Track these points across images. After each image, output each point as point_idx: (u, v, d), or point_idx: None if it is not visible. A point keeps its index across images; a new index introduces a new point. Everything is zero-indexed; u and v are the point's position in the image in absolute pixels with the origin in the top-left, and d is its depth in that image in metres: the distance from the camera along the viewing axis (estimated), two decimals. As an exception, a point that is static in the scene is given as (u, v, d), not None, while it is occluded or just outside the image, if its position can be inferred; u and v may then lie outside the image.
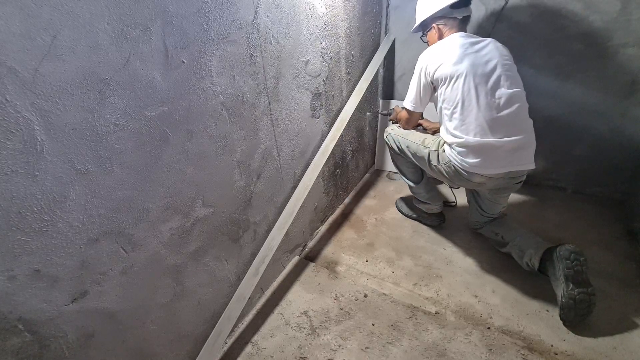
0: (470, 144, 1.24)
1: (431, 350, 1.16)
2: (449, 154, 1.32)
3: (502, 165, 1.24)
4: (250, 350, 1.21)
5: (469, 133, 1.24)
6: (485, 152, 1.23)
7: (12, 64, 0.58)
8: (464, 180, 1.34)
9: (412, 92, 1.43)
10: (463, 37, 1.31)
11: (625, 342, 1.15)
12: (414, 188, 1.71)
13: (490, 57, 1.26)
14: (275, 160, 1.31)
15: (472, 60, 1.24)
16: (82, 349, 0.79)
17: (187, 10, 0.84)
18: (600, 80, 1.61)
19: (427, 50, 1.37)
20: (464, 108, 1.24)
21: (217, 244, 1.12)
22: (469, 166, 1.26)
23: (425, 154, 1.43)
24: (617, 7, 1.46)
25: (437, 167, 1.40)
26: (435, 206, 1.70)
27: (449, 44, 1.31)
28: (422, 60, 1.36)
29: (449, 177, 1.38)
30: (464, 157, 1.27)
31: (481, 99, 1.22)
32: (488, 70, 1.24)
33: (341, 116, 1.67)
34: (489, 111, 1.22)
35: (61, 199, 0.69)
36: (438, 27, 1.41)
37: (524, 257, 1.33)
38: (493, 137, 1.22)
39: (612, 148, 1.72)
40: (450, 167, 1.33)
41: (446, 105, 1.30)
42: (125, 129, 0.77)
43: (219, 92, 0.99)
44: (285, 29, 1.20)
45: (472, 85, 1.23)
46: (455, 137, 1.28)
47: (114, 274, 0.82)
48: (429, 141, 1.44)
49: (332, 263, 1.60)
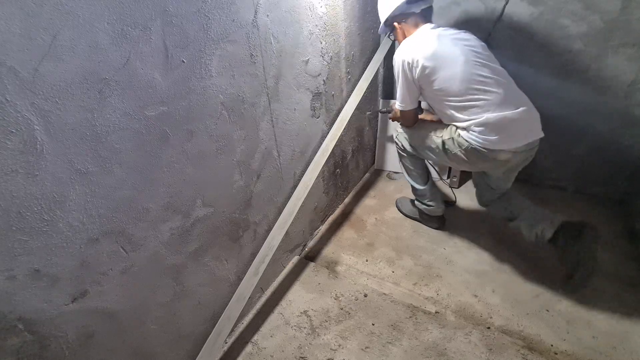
0: (490, 120, 1.23)
1: (431, 350, 1.16)
2: (468, 137, 1.29)
3: (523, 136, 1.26)
4: (250, 350, 1.21)
5: (487, 111, 1.24)
6: (505, 126, 1.24)
7: (12, 63, 0.58)
8: (487, 161, 1.31)
9: (401, 91, 1.41)
10: (435, 28, 1.33)
11: (625, 342, 1.15)
12: (419, 190, 1.68)
13: (472, 41, 1.31)
14: (275, 160, 1.31)
15: (459, 44, 1.27)
16: (82, 348, 0.79)
17: (187, 10, 0.84)
18: (600, 80, 1.61)
19: (403, 49, 1.34)
20: (470, 90, 1.24)
21: (217, 243, 1.12)
22: (492, 143, 1.25)
23: (440, 143, 1.41)
24: (617, 7, 1.46)
25: (455, 154, 1.37)
26: (438, 209, 1.69)
27: (424, 36, 1.31)
28: (400, 59, 1.34)
29: (469, 162, 1.36)
30: (486, 135, 1.25)
31: (486, 79, 1.24)
32: (477, 52, 1.27)
33: (341, 116, 1.66)
34: (496, 87, 1.24)
35: (61, 198, 0.69)
36: (400, 26, 1.41)
37: (534, 228, 1.37)
38: (508, 110, 1.23)
39: (612, 148, 1.71)
40: (470, 151, 1.30)
41: (445, 90, 1.28)
42: (125, 129, 0.77)
43: (219, 92, 0.99)
44: (285, 28, 1.20)
45: (471, 67, 1.24)
46: (471, 119, 1.26)
47: (114, 273, 0.82)
48: (440, 131, 1.43)
49: (332, 263, 1.60)
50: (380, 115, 2.22)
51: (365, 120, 2.08)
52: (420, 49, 1.28)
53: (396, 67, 1.37)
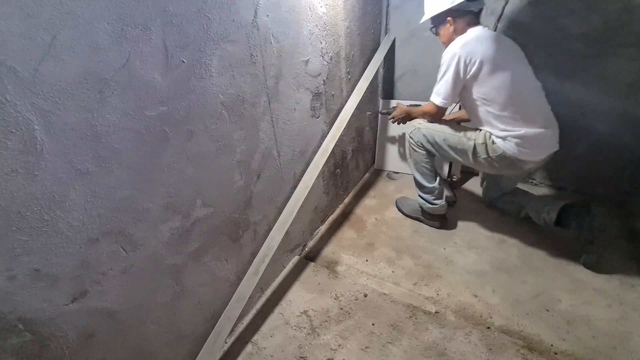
0: (529, 135, 1.31)
1: (431, 350, 1.16)
2: (504, 146, 1.35)
3: (547, 149, 1.38)
4: (250, 350, 1.21)
5: (527, 125, 1.32)
6: (539, 142, 1.35)
7: (12, 63, 0.58)
8: (514, 169, 1.42)
9: (445, 86, 1.37)
10: (487, 31, 1.35)
11: (625, 342, 1.15)
12: (428, 187, 1.67)
13: (517, 53, 1.36)
14: (275, 160, 1.31)
15: (510, 55, 1.33)
16: (82, 348, 0.79)
17: (187, 10, 0.84)
18: (600, 80, 1.61)
19: (458, 45, 1.32)
20: (514, 102, 1.30)
21: (217, 243, 1.12)
22: (525, 155, 1.34)
23: (470, 146, 1.44)
24: (618, 6, 1.46)
25: (485, 159, 1.42)
26: (442, 208, 1.69)
27: (483, 36, 1.31)
28: (455, 54, 1.31)
29: (496, 167, 1.43)
30: (522, 147, 1.33)
31: (529, 95, 1.33)
32: (522, 65, 1.35)
33: (341, 116, 1.66)
34: (536, 104, 1.35)
35: (61, 198, 0.69)
36: (454, 21, 1.38)
37: (541, 214, 1.49)
38: (542, 126, 1.34)
39: (612, 148, 1.71)
40: (503, 158, 1.38)
41: (493, 104, 1.32)
42: (125, 129, 0.77)
43: (219, 92, 0.99)
44: (285, 28, 1.20)
45: (520, 82, 1.31)
46: (509, 131, 1.33)
47: (114, 273, 0.82)
48: (471, 134, 1.45)
49: (332, 263, 1.60)
50: (380, 116, 2.22)
51: (365, 120, 2.08)
52: (480, 48, 1.29)
53: (447, 62, 1.35)
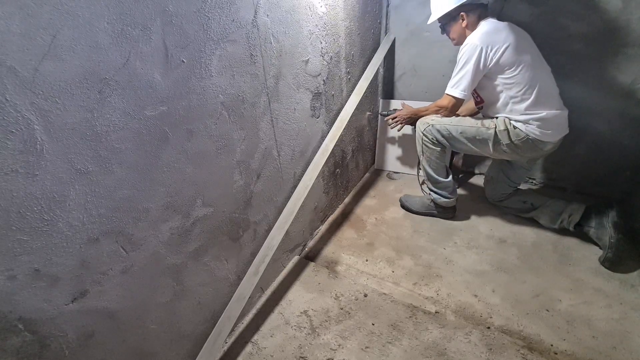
0: (549, 116, 1.38)
1: (431, 350, 1.16)
2: (527, 129, 1.40)
3: (563, 129, 1.46)
4: (250, 350, 1.21)
5: (547, 107, 1.38)
6: (558, 123, 1.42)
7: (12, 63, 0.58)
8: (535, 151, 1.46)
9: (465, 78, 1.38)
10: (499, 22, 1.39)
11: (625, 342, 1.15)
12: (443, 182, 1.69)
13: (530, 39, 1.42)
14: (275, 159, 1.31)
15: (526, 40, 1.38)
16: (82, 348, 0.79)
17: (187, 10, 0.84)
18: (600, 80, 1.61)
19: (478, 36, 1.34)
20: (535, 87, 1.36)
21: (217, 243, 1.12)
22: (547, 136, 1.40)
23: (490, 135, 1.47)
24: (618, 6, 1.46)
25: (506, 145, 1.46)
26: (454, 200, 1.74)
27: (498, 27, 1.36)
28: (476, 45, 1.32)
29: (518, 152, 1.46)
30: (544, 129, 1.39)
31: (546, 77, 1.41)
32: (536, 50, 1.41)
33: (341, 116, 1.66)
34: (552, 86, 1.43)
35: (61, 198, 0.69)
36: (467, 15, 1.41)
37: (560, 215, 1.54)
38: (558, 108, 1.42)
39: (612, 148, 1.71)
40: (525, 142, 1.42)
41: (515, 88, 1.37)
42: (125, 129, 0.77)
43: (219, 92, 0.99)
44: (285, 28, 1.20)
45: (537, 66, 1.37)
46: (530, 113, 1.38)
47: (114, 273, 0.82)
48: (489, 122, 1.48)
49: (332, 262, 1.60)
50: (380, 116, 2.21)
51: (365, 120, 2.08)
52: (500, 36, 1.34)
53: (467, 54, 1.36)
